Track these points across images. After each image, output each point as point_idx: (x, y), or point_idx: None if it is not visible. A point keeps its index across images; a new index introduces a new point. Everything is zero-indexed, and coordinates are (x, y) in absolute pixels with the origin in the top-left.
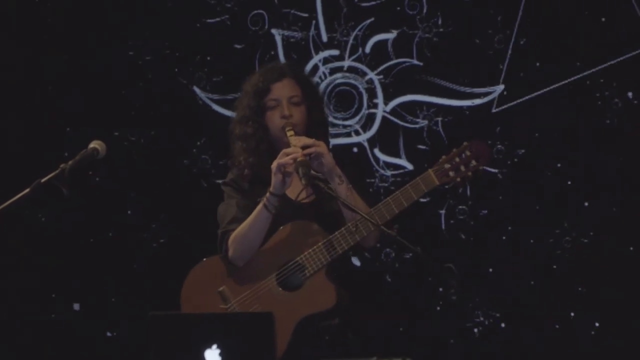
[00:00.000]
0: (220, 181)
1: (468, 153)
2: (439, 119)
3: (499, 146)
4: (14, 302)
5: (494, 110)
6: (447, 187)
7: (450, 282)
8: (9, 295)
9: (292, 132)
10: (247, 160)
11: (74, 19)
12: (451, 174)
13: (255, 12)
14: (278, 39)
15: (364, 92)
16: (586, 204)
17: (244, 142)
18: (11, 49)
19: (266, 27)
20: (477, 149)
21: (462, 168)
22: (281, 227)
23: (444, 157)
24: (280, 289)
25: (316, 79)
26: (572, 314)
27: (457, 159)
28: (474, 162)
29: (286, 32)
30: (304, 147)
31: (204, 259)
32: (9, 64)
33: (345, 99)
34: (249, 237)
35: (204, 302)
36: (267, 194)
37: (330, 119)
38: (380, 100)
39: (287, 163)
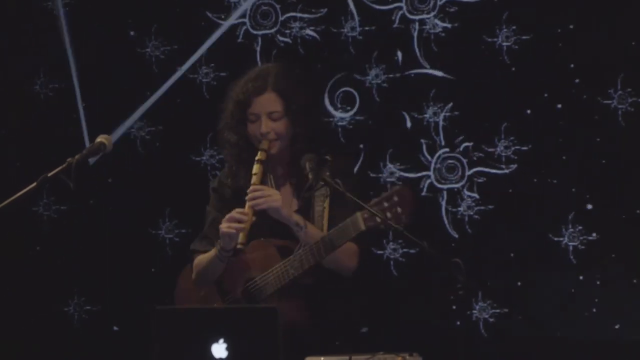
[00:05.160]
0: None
1: (395, 199)
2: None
3: (505, 142)
4: (22, 296)
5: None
6: (370, 231)
7: (457, 276)
8: (17, 289)
9: (255, 177)
10: (230, 169)
11: (81, 13)
12: (377, 219)
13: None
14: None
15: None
16: (592, 200)
17: (229, 149)
18: (17, 44)
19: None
20: (402, 196)
21: (388, 214)
22: (252, 242)
23: (372, 200)
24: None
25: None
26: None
27: (386, 204)
28: (398, 209)
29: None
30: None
31: (188, 265)
32: (14, 59)
33: (348, 97)
34: (206, 275)
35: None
36: (219, 248)
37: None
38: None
39: (229, 232)
